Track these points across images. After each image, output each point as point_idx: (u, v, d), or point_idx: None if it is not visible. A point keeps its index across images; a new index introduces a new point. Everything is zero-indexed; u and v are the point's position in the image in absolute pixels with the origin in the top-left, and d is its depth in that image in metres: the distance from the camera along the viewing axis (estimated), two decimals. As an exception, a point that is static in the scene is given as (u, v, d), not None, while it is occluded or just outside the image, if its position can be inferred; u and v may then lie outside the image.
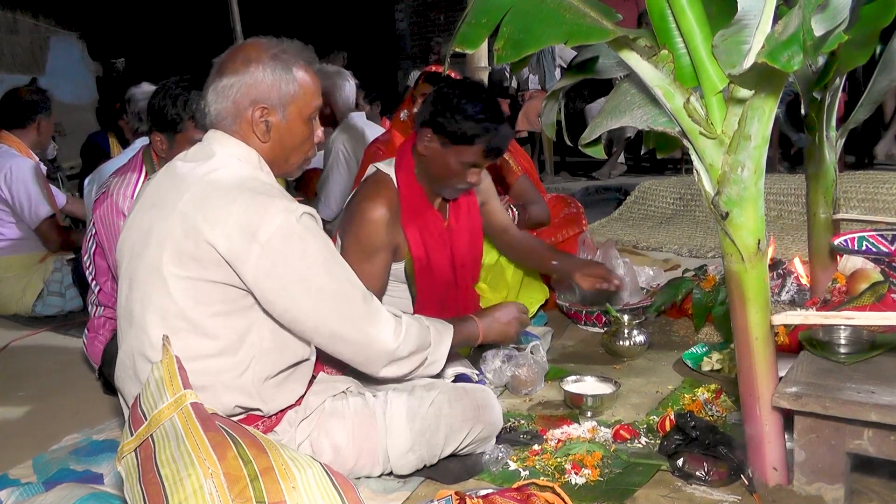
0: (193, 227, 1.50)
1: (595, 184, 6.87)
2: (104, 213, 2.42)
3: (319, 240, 1.56)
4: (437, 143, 2.23)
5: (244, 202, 1.50)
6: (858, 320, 1.62)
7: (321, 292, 1.56)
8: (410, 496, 1.75)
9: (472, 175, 2.26)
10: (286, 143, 1.64)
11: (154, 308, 1.54)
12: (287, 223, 1.50)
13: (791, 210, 4.65)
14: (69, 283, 3.57)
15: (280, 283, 1.52)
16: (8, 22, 9.36)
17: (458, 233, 2.44)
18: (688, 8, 1.50)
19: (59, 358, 3.02)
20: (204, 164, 1.59)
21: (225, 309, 1.54)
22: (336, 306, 1.58)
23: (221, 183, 1.54)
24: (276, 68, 1.59)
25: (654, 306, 2.82)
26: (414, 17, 10.82)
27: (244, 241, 1.48)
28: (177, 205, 1.53)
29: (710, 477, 1.70)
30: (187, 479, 1.28)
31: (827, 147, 2.31)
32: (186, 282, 1.51)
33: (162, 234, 1.53)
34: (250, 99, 1.59)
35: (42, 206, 3.63)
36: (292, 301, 1.54)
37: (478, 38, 1.52)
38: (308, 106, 1.64)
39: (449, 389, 1.81)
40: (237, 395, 1.58)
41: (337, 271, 1.59)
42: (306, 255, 1.53)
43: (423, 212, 2.34)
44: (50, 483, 1.83)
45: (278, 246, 1.49)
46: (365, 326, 1.62)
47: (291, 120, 1.63)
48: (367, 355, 1.66)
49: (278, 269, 1.51)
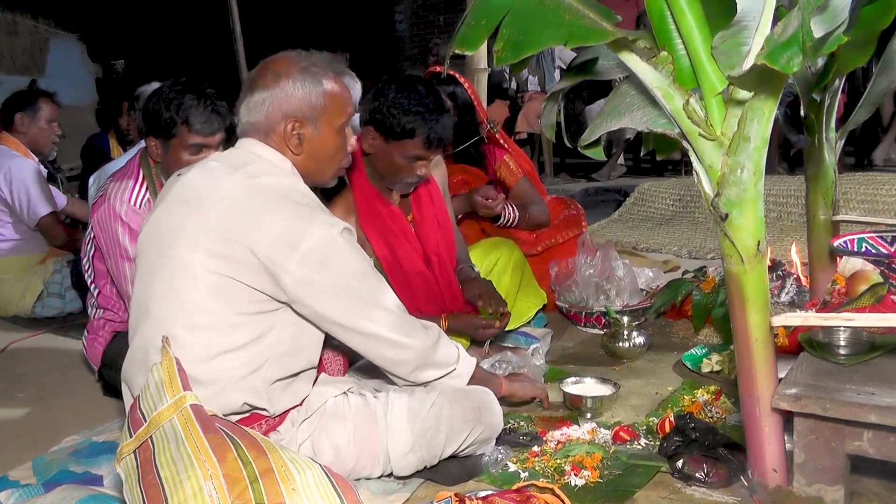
0: (234, 230, 1.53)
1: (595, 185, 6.87)
2: (102, 217, 2.42)
3: (357, 253, 1.63)
4: (380, 140, 2.25)
5: (288, 212, 1.54)
6: (858, 322, 1.62)
7: (356, 300, 1.62)
8: (410, 498, 1.75)
9: (420, 168, 2.28)
10: (318, 155, 1.69)
11: (179, 302, 1.56)
12: (328, 236, 1.56)
13: (791, 211, 4.65)
14: (69, 285, 3.57)
15: (317, 290, 1.57)
16: (7, 23, 9.37)
17: (425, 224, 2.45)
18: (687, 9, 1.50)
19: (58, 359, 3.02)
20: (243, 168, 1.62)
21: (251, 310, 1.57)
22: (369, 313, 1.63)
23: (264, 190, 1.58)
24: (306, 81, 1.64)
25: (653, 308, 2.82)
26: (413, 19, 10.83)
27: (285, 249, 1.52)
28: (216, 206, 1.56)
29: (709, 478, 1.70)
30: (187, 480, 1.29)
31: (826, 148, 2.31)
32: (218, 278, 1.54)
33: (196, 232, 1.55)
34: (282, 113, 1.64)
35: (41, 205, 3.63)
36: (328, 308, 1.60)
37: (477, 39, 1.52)
38: (339, 116, 1.69)
39: (450, 391, 1.81)
40: (247, 393, 1.59)
41: (372, 282, 1.65)
42: (345, 267, 1.59)
43: (380, 211, 2.35)
44: (49, 484, 1.83)
45: (318, 257, 1.55)
46: (395, 334, 1.67)
47: (324, 131, 1.67)
48: (394, 368, 1.72)
49: (317, 278, 1.56)
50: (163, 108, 2.32)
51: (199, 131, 2.30)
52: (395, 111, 2.20)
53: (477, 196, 2.87)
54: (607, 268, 2.96)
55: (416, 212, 2.45)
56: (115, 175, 2.56)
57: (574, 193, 5.97)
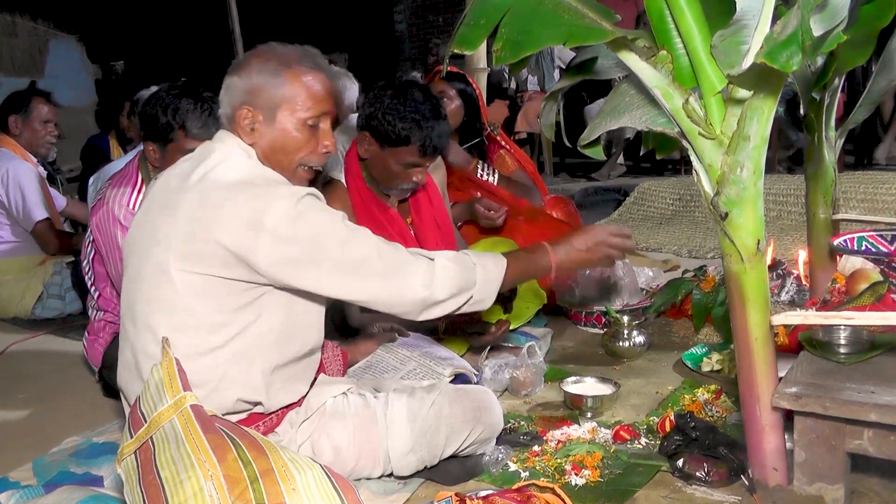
0: (201, 227, 1.51)
1: (594, 185, 6.86)
2: (100, 221, 2.42)
3: (325, 214, 1.58)
4: (376, 146, 2.24)
5: (246, 195, 1.52)
6: (858, 320, 1.62)
7: (338, 264, 1.57)
8: (410, 497, 1.75)
9: (416, 174, 2.26)
10: (275, 147, 1.64)
11: (161, 307, 1.55)
12: (290, 206, 1.51)
13: (790, 210, 4.65)
14: (69, 286, 3.56)
15: (295, 265, 1.54)
16: (7, 25, 9.36)
17: (424, 227, 2.44)
18: (686, 8, 1.50)
19: (58, 361, 3.02)
20: (204, 162, 1.61)
21: (232, 302, 1.55)
22: (355, 273, 1.59)
23: (223, 180, 1.56)
24: (265, 72, 1.62)
25: (653, 307, 2.82)
26: (413, 19, 10.83)
27: (252, 233, 1.50)
28: (182, 206, 1.54)
29: (710, 477, 1.70)
30: (187, 481, 1.28)
31: (826, 147, 2.31)
32: (194, 277, 1.53)
33: (168, 235, 1.54)
34: (240, 100, 1.63)
35: (36, 210, 3.62)
36: (313, 279, 1.57)
37: (476, 39, 1.52)
38: (303, 111, 1.63)
39: (449, 391, 1.81)
40: (242, 389, 1.58)
41: (348, 239, 1.59)
42: (316, 234, 1.54)
43: (379, 215, 2.34)
44: (50, 485, 1.83)
45: (287, 230, 1.51)
46: (389, 282, 1.61)
47: (281, 124, 1.63)
48: (401, 307, 1.65)
49: (291, 252, 1.52)
50: (159, 113, 2.30)
51: (196, 136, 2.25)
52: (390, 117, 2.19)
53: (479, 206, 2.88)
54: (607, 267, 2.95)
55: (414, 215, 2.46)
56: (113, 178, 2.55)
57: (574, 193, 5.98)
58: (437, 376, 2.01)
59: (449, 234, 2.53)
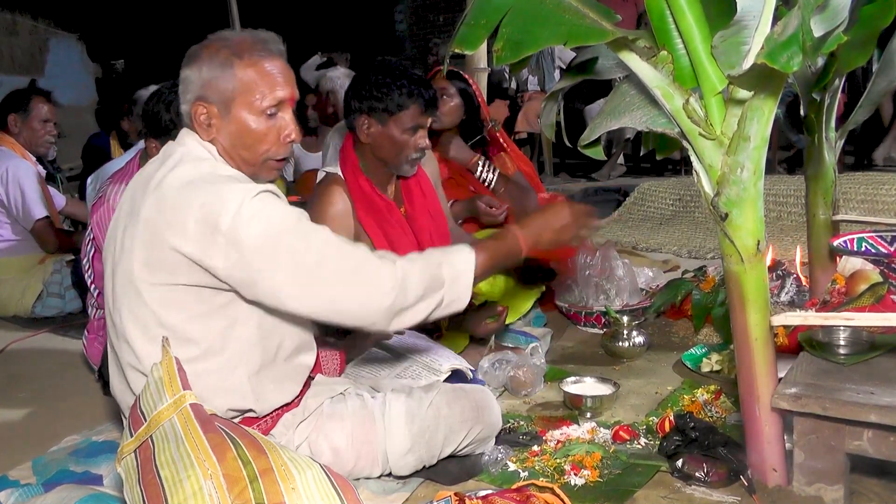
0: (157, 233, 1.46)
1: (594, 185, 6.86)
2: (101, 218, 2.42)
3: (280, 211, 1.48)
4: (377, 124, 2.31)
5: (199, 197, 1.44)
6: (858, 321, 1.62)
7: (297, 266, 1.46)
8: (410, 497, 1.75)
9: (421, 139, 2.34)
10: (235, 142, 1.57)
11: (133, 319, 1.52)
12: (244, 205, 1.43)
13: (791, 211, 4.65)
14: (68, 285, 3.56)
15: (252, 267, 1.44)
16: (7, 23, 9.36)
17: (418, 217, 2.49)
18: (687, 9, 1.50)
19: (58, 359, 3.02)
20: (165, 164, 1.56)
21: (202, 310, 1.50)
22: (316, 274, 1.47)
23: (177, 183, 1.49)
24: (213, 65, 1.54)
25: (653, 307, 2.82)
26: (413, 19, 10.83)
27: (207, 235, 1.43)
28: (141, 211, 1.50)
29: (709, 478, 1.70)
30: (187, 480, 1.28)
31: (826, 148, 2.31)
32: (159, 289, 1.48)
33: (131, 244, 1.50)
34: (194, 95, 1.56)
35: (35, 208, 3.61)
36: (269, 287, 1.46)
37: (477, 39, 1.52)
38: (260, 99, 1.54)
39: (448, 390, 1.81)
40: (229, 397, 1.55)
41: (307, 236, 1.49)
42: (270, 232, 1.45)
43: (377, 203, 2.39)
44: (49, 484, 1.83)
45: (242, 231, 1.42)
46: (353, 288, 1.49)
47: (237, 116, 1.55)
48: (368, 316, 1.51)
49: (247, 254, 1.43)
50: (162, 111, 2.31)
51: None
52: (383, 90, 2.27)
53: (480, 203, 2.90)
54: (607, 267, 2.96)
55: (407, 205, 2.49)
56: (114, 176, 2.56)
57: (574, 193, 5.97)
58: (433, 373, 2.01)
59: (443, 226, 2.56)
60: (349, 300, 1.50)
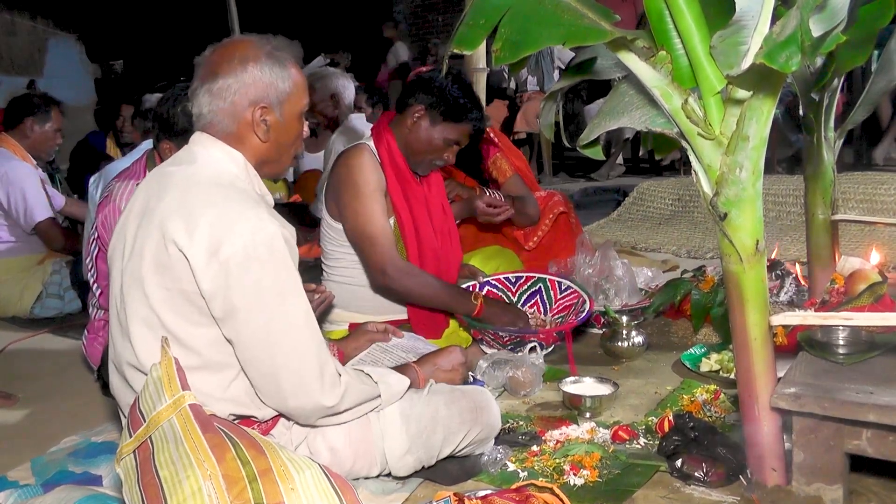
0: (168, 233, 1.46)
1: (593, 185, 6.87)
2: (106, 217, 2.42)
3: (281, 269, 1.49)
4: (427, 120, 2.40)
5: (215, 211, 1.46)
6: (857, 321, 1.62)
7: (267, 325, 1.48)
8: (409, 497, 1.75)
9: (451, 154, 2.45)
10: (282, 142, 1.63)
11: (139, 319, 1.51)
12: (249, 245, 1.45)
13: (790, 211, 4.65)
14: (68, 286, 3.56)
15: (230, 302, 1.46)
16: (6, 24, 9.37)
17: (434, 203, 2.58)
18: (686, 9, 1.50)
19: (57, 360, 3.02)
20: (187, 168, 1.56)
21: (202, 320, 1.50)
22: (279, 342, 1.49)
23: (197, 188, 1.51)
24: (274, 66, 1.57)
25: (652, 307, 2.82)
26: (412, 19, 10.84)
27: (207, 253, 1.44)
28: (156, 212, 1.50)
29: (708, 478, 1.70)
30: (186, 480, 1.28)
31: (825, 148, 2.31)
32: (165, 292, 1.48)
33: (143, 243, 1.51)
34: (249, 99, 1.56)
35: (38, 209, 3.61)
36: (236, 325, 1.48)
37: (476, 39, 1.52)
38: (300, 102, 1.63)
39: (446, 391, 1.81)
40: (229, 405, 1.55)
41: (289, 307, 1.51)
42: (260, 286, 1.46)
43: (407, 175, 2.48)
44: (48, 485, 1.83)
45: (234, 269, 1.44)
46: (306, 373, 1.52)
47: (287, 118, 1.61)
48: (302, 407, 1.55)
49: (231, 291, 1.45)
50: (178, 113, 2.31)
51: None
52: (455, 94, 2.38)
53: (479, 203, 2.88)
54: (606, 267, 2.96)
55: (426, 190, 2.58)
56: (120, 176, 2.56)
57: (573, 193, 5.98)
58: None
59: (451, 220, 2.66)
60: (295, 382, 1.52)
